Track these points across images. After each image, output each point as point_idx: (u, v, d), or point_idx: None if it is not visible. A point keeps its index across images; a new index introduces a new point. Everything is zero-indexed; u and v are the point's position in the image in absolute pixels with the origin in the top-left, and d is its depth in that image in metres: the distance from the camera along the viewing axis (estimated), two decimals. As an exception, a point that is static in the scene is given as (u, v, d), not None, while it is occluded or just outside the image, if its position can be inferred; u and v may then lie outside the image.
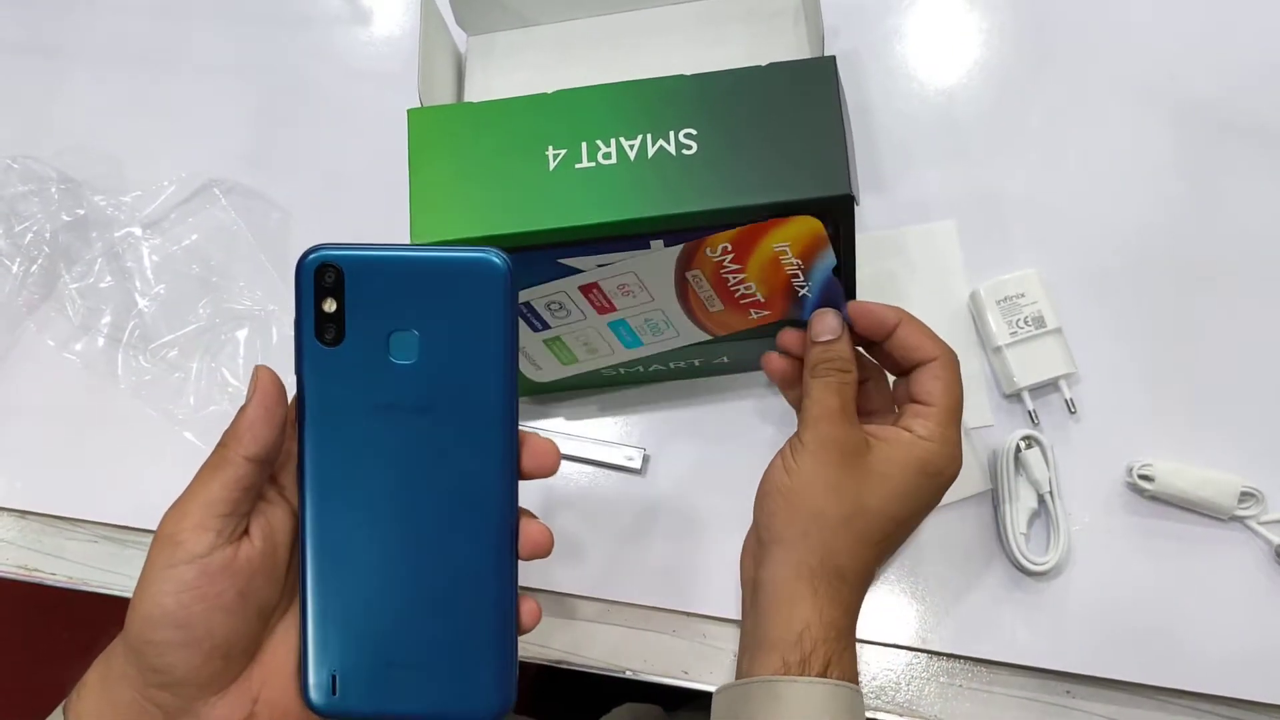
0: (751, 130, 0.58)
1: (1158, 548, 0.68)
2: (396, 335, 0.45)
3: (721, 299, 0.62)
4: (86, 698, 0.47)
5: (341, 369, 0.45)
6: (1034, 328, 0.70)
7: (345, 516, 0.46)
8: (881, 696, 0.68)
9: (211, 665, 0.45)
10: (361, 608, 0.47)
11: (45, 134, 0.84)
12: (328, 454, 0.46)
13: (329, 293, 0.45)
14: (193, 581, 0.43)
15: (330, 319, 0.45)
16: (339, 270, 0.45)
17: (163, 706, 0.45)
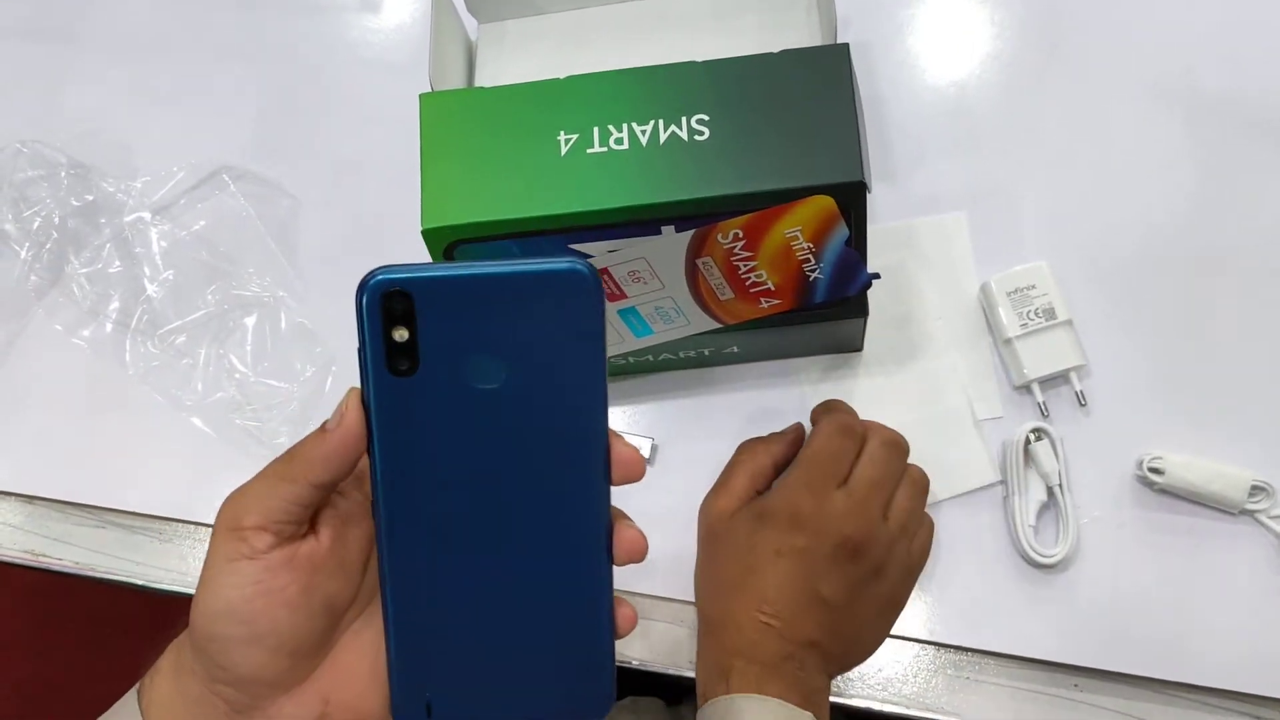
0: (764, 117, 0.57)
1: (1167, 541, 0.68)
2: (476, 359, 0.41)
3: (732, 287, 0.62)
4: (160, 685, 0.46)
5: (417, 399, 0.41)
6: (1044, 320, 0.70)
7: (429, 546, 0.43)
8: (889, 688, 0.67)
9: (277, 663, 0.44)
10: (451, 627, 0.44)
11: (56, 119, 0.84)
12: (407, 486, 0.42)
13: (399, 321, 0.40)
14: (255, 576, 0.42)
15: (402, 348, 0.41)
16: (408, 295, 0.40)
17: (230, 702, 0.44)
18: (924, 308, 0.73)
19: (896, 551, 0.62)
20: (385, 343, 0.40)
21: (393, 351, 0.41)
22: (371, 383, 0.41)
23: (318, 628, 0.45)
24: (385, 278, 0.40)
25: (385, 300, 0.40)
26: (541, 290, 0.41)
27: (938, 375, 0.72)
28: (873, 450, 0.63)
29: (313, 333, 0.76)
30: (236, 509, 0.43)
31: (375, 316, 0.40)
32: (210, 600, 0.43)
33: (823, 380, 0.72)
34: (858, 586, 0.61)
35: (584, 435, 0.43)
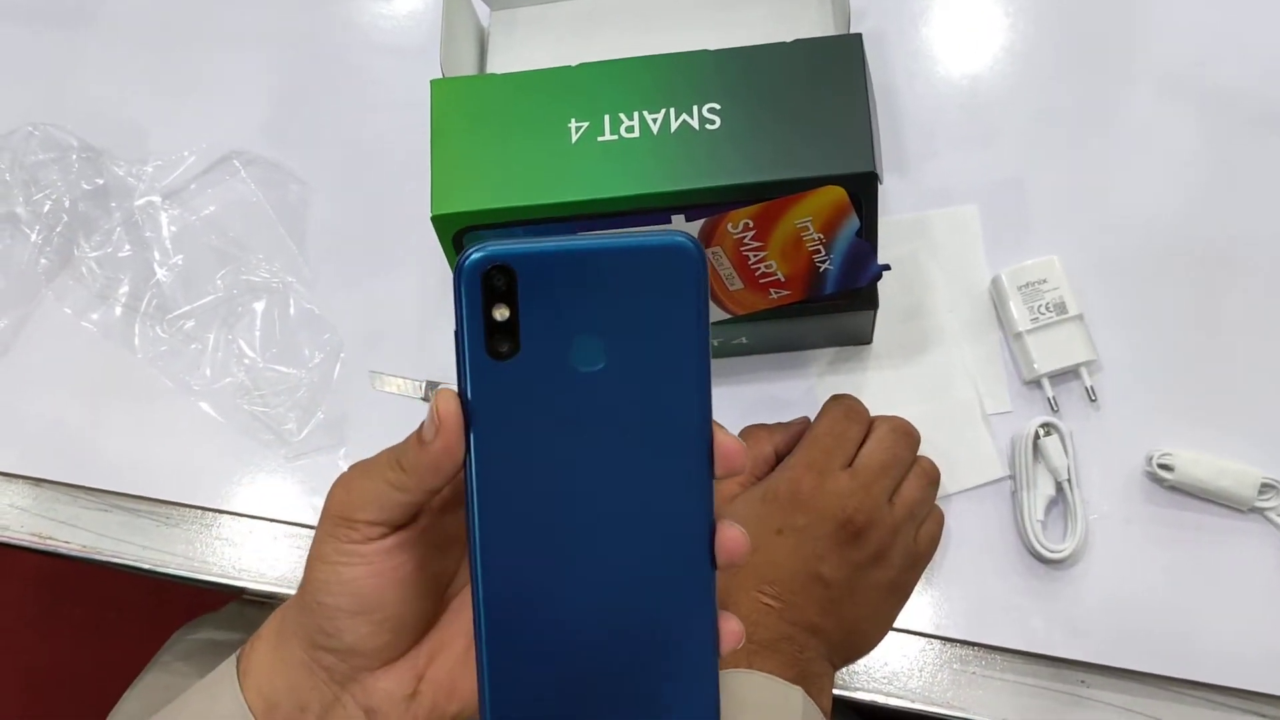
0: (775, 106, 0.57)
1: (1176, 538, 0.67)
2: (579, 339, 0.39)
3: (741, 277, 0.61)
4: (260, 649, 0.47)
5: (516, 383, 0.39)
6: (1055, 314, 0.69)
7: (524, 541, 0.41)
8: (894, 683, 0.67)
9: (381, 637, 0.44)
10: (545, 637, 0.41)
11: (68, 101, 0.84)
12: (502, 477, 0.40)
13: (501, 298, 0.38)
14: (368, 557, 0.43)
15: (502, 329, 0.39)
16: (511, 271, 0.38)
17: (329, 670, 0.45)
18: (934, 301, 0.73)
19: (902, 538, 0.62)
20: (485, 322, 0.39)
21: (493, 332, 0.39)
22: (469, 365, 0.39)
23: (424, 605, 0.45)
24: (487, 253, 0.38)
25: (487, 277, 0.38)
26: (647, 265, 0.39)
27: (947, 369, 0.71)
28: (880, 434, 0.63)
29: (321, 319, 0.76)
30: (349, 500, 0.43)
31: (475, 293, 0.38)
32: (323, 570, 0.43)
33: (831, 372, 0.72)
34: (860, 570, 0.60)
35: (688, 423, 0.40)
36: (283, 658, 0.46)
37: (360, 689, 0.45)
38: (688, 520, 0.41)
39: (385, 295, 0.77)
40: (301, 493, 0.74)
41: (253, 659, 0.47)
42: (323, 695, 0.46)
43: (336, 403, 0.75)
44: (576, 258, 0.39)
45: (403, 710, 0.45)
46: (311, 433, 0.74)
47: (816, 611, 0.59)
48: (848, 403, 0.65)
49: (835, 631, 0.60)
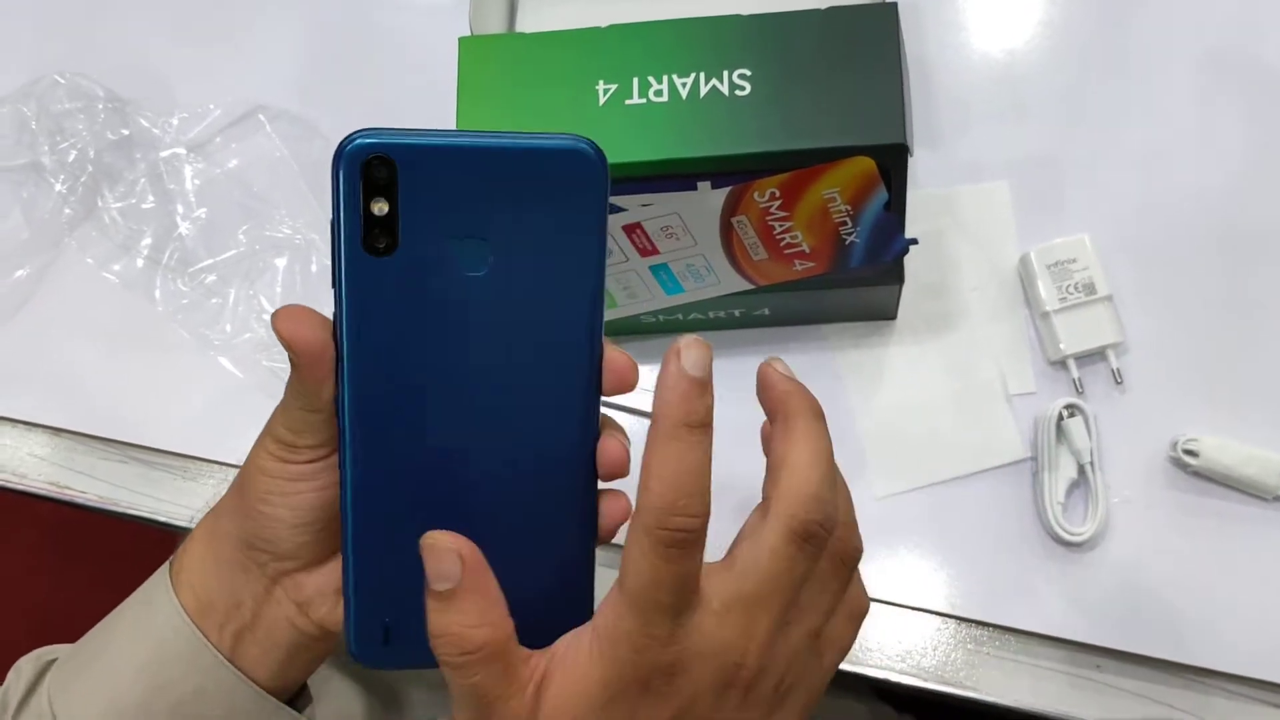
0: (806, 74, 0.56)
1: (1198, 525, 0.66)
2: (462, 241, 0.37)
3: (766, 247, 0.61)
4: (193, 551, 0.48)
5: (392, 282, 0.38)
6: (1084, 294, 0.68)
7: (392, 445, 0.39)
8: (908, 660, 0.67)
9: (318, 544, 0.45)
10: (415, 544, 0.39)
11: (95, 51, 0.83)
12: (374, 376, 0.39)
13: (380, 191, 0.36)
14: (310, 474, 0.43)
15: (380, 223, 0.37)
16: (392, 163, 0.36)
17: (262, 567, 0.46)
18: (960, 278, 0.72)
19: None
20: (364, 216, 0.37)
21: (370, 225, 0.37)
22: (344, 259, 0.37)
23: None
24: (367, 141, 0.36)
25: (367, 167, 0.36)
26: (542, 169, 0.37)
27: (971, 347, 0.71)
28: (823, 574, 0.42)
29: (343, 277, 0.76)
30: (290, 424, 0.43)
31: (353, 184, 0.36)
32: (264, 482, 0.44)
33: (854, 347, 0.71)
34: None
35: (575, 335, 0.39)
36: (215, 556, 0.47)
37: (292, 583, 0.46)
38: (570, 430, 0.40)
39: (407, 255, 0.77)
40: (318, 451, 0.74)
41: (184, 561, 0.48)
42: (255, 590, 0.46)
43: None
44: (464, 155, 0.37)
45: (333, 603, 0.47)
46: (329, 390, 0.74)
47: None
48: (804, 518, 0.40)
49: None
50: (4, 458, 0.76)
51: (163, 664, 0.47)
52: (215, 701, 0.47)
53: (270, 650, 0.47)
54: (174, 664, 0.47)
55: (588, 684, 0.38)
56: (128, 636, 0.48)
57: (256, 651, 0.47)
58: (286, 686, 0.49)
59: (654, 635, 0.38)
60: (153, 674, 0.47)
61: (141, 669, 0.47)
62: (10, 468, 0.76)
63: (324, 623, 0.47)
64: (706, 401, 0.38)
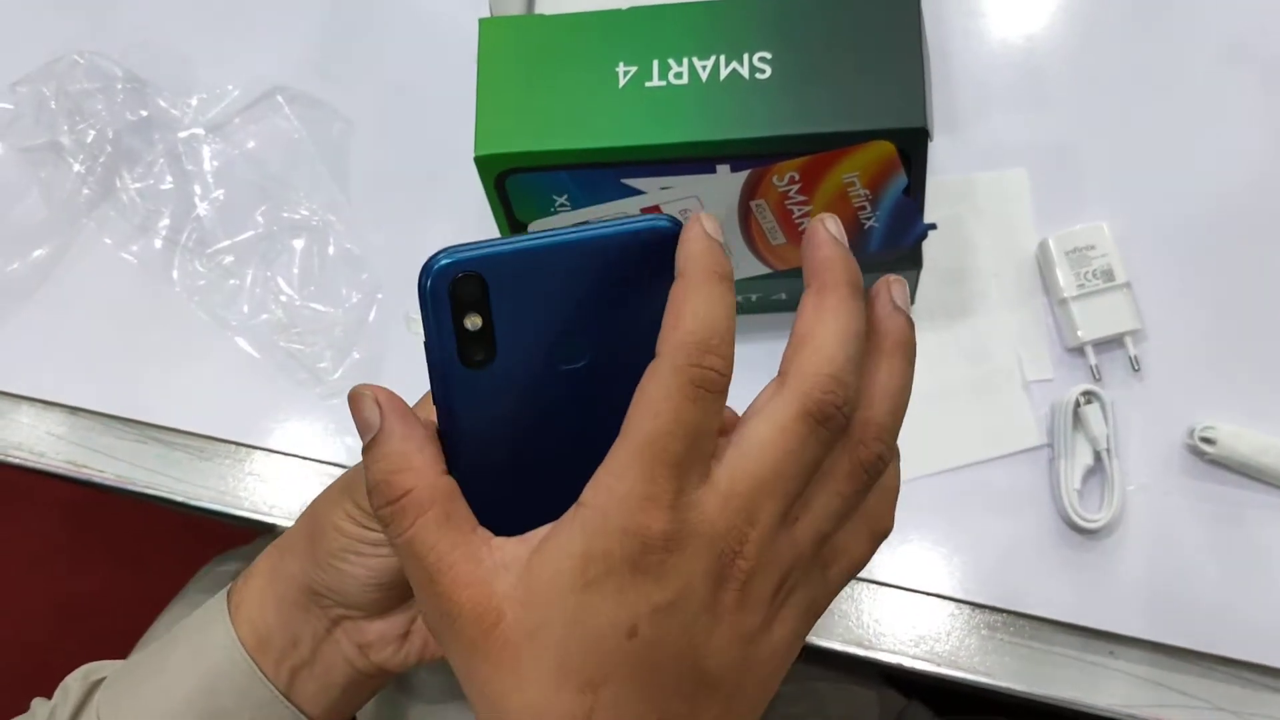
0: (827, 57, 0.56)
1: (1214, 512, 0.66)
2: (557, 338, 0.37)
3: (785, 232, 0.61)
4: (254, 585, 0.48)
5: (495, 389, 0.37)
6: (1102, 281, 0.68)
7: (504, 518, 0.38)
8: (921, 646, 0.67)
9: (387, 601, 0.46)
10: None
11: (114, 30, 0.83)
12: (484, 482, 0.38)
13: (471, 308, 0.36)
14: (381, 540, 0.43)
15: (476, 338, 0.37)
16: (481, 279, 0.36)
17: (325, 610, 0.46)
18: (978, 264, 0.72)
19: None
20: (458, 334, 0.36)
21: (466, 342, 0.37)
22: (448, 379, 0.37)
23: None
24: (452, 260, 0.36)
25: (454, 286, 0.36)
26: (624, 254, 0.37)
27: (989, 334, 0.70)
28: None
29: (360, 259, 0.76)
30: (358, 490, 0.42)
31: (442, 304, 0.36)
32: (340, 541, 0.44)
33: (871, 332, 0.71)
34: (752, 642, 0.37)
35: None
36: (277, 594, 0.47)
37: (354, 627, 0.47)
38: None
39: (425, 237, 0.77)
40: (335, 432, 0.74)
41: (245, 594, 0.48)
42: (315, 630, 0.47)
43: (372, 343, 0.75)
44: (549, 255, 0.36)
45: (395, 648, 0.47)
46: (346, 373, 0.74)
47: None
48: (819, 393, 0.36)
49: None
50: (23, 436, 0.77)
51: (216, 694, 0.47)
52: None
53: (327, 688, 0.48)
54: (227, 695, 0.47)
55: (567, 561, 0.34)
56: (182, 663, 0.48)
57: (314, 688, 0.48)
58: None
59: (655, 496, 0.33)
60: (206, 703, 0.47)
61: (194, 697, 0.47)
62: (29, 446, 0.77)
63: (385, 665, 0.47)
64: (729, 265, 0.36)
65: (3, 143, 0.80)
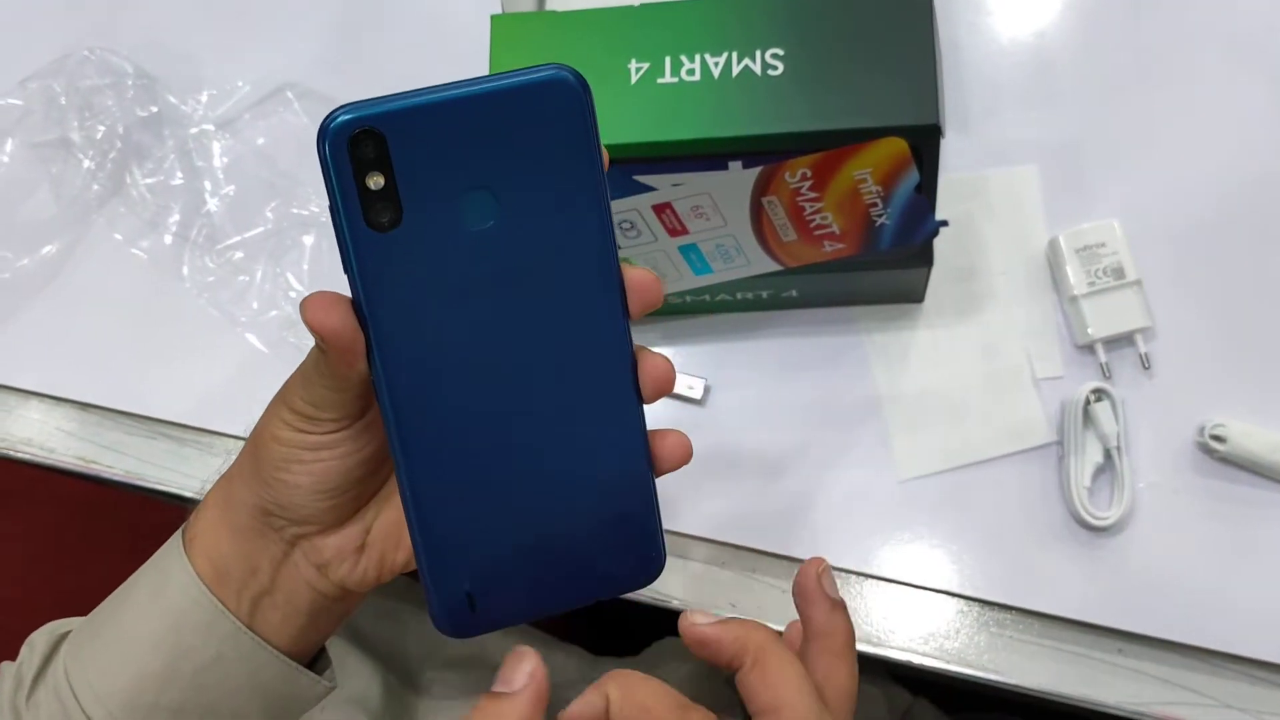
0: (839, 54, 0.56)
1: (1224, 511, 0.66)
2: (464, 196, 0.36)
3: (796, 228, 0.61)
4: (206, 518, 0.48)
5: (404, 253, 0.37)
6: (1113, 279, 0.68)
7: (440, 415, 0.39)
8: (931, 642, 0.67)
9: (338, 509, 0.45)
10: (482, 508, 0.40)
11: (124, 26, 0.83)
12: (406, 349, 0.38)
13: (372, 165, 0.35)
14: (333, 443, 0.43)
15: (380, 196, 0.36)
16: (379, 135, 0.35)
17: (280, 532, 0.46)
18: (988, 261, 0.72)
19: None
20: (361, 194, 0.36)
21: (370, 202, 0.36)
22: (350, 240, 0.36)
23: (375, 477, 0.46)
24: (349, 117, 0.35)
25: (354, 144, 0.35)
26: (526, 105, 0.36)
27: (998, 331, 0.70)
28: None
29: (369, 255, 0.76)
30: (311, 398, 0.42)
31: (344, 163, 0.35)
32: (281, 451, 0.43)
33: (881, 330, 0.71)
34: None
35: (592, 264, 0.39)
36: (230, 524, 0.46)
37: (310, 547, 0.46)
38: (607, 360, 0.40)
39: (434, 234, 0.77)
40: (344, 428, 0.74)
41: (198, 528, 0.48)
42: (273, 554, 0.46)
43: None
44: (448, 108, 0.36)
45: (352, 563, 0.47)
46: (356, 369, 0.74)
47: None
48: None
49: None
50: (33, 432, 0.77)
51: (180, 632, 0.47)
52: (235, 668, 0.47)
53: (291, 615, 0.47)
54: (192, 632, 0.46)
55: None
56: (143, 606, 0.48)
57: (277, 617, 0.47)
58: (307, 650, 0.50)
59: None
60: (171, 643, 0.47)
61: (159, 638, 0.47)
62: (39, 442, 0.77)
63: (344, 583, 0.47)
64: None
65: (13, 139, 0.80)
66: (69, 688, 0.48)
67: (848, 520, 0.69)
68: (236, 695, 0.48)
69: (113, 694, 0.47)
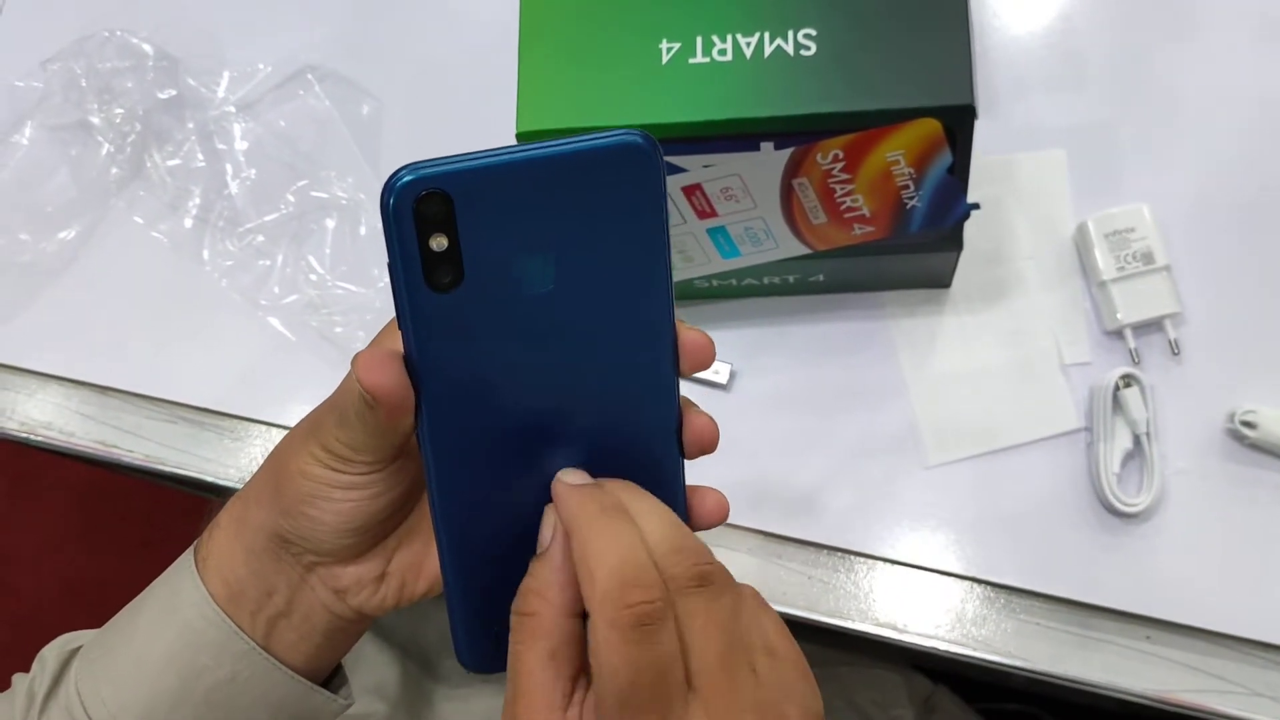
0: (873, 34, 0.56)
1: (1255, 497, 0.66)
2: (527, 259, 0.36)
3: (826, 210, 0.60)
4: (220, 538, 0.47)
5: (461, 313, 0.36)
6: (1142, 264, 0.68)
7: (484, 470, 0.39)
8: (957, 630, 0.67)
9: (361, 545, 0.45)
10: (518, 559, 0.40)
11: (144, 7, 0.83)
12: (456, 408, 0.38)
13: (437, 227, 0.35)
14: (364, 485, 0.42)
15: (442, 258, 0.35)
16: (446, 196, 0.35)
17: (297, 558, 0.45)
18: (1016, 246, 0.71)
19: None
20: (423, 255, 0.35)
21: (432, 263, 0.35)
22: (408, 299, 0.36)
23: (401, 512, 0.45)
24: (416, 177, 0.34)
25: (420, 205, 0.34)
26: (597, 170, 0.36)
27: (1026, 316, 0.70)
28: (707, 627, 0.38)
29: (391, 239, 0.76)
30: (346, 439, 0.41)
31: (406, 224, 0.35)
32: (308, 486, 0.43)
33: (908, 315, 0.71)
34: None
35: (648, 325, 0.38)
36: (245, 546, 0.46)
37: (328, 573, 0.46)
38: (653, 417, 0.40)
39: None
40: (366, 412, 0.74)
41: (211, 548, 0.47)
42: (289, 578, 0.46)
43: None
44: (518, 172, 0.35)
45: (371, 590, 0.46)
46: (379, 353, 0.73)
47: None
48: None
49: None
50: (52, 415, 0.77)
51: (194, 651, 0.46)
52: (249, 687, 0.47)
53: (307, 635, 0.47)
54: (205, 651, 0.46)
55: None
56: (154, 624, 0.47)
57: (293, 637, 0.47)
58: (322, 668, 0.49)
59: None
60: (184, 662, 0.46)
61: (172, 657, 0.46)
62: (59, 426, 0.76)
63: (362, 608, 0.46)
64: (610, 495, 0.39)
65: (32, 121, 0.80)
66: (81, 706, 0.47)
67: (874, 506, 0.68)
68: (250, 714, 0.47)
69: (125, 712, 0.47)
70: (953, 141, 0.56)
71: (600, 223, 0.36)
